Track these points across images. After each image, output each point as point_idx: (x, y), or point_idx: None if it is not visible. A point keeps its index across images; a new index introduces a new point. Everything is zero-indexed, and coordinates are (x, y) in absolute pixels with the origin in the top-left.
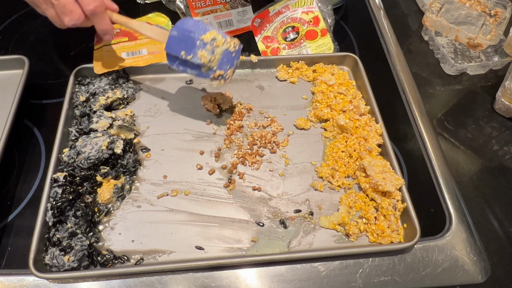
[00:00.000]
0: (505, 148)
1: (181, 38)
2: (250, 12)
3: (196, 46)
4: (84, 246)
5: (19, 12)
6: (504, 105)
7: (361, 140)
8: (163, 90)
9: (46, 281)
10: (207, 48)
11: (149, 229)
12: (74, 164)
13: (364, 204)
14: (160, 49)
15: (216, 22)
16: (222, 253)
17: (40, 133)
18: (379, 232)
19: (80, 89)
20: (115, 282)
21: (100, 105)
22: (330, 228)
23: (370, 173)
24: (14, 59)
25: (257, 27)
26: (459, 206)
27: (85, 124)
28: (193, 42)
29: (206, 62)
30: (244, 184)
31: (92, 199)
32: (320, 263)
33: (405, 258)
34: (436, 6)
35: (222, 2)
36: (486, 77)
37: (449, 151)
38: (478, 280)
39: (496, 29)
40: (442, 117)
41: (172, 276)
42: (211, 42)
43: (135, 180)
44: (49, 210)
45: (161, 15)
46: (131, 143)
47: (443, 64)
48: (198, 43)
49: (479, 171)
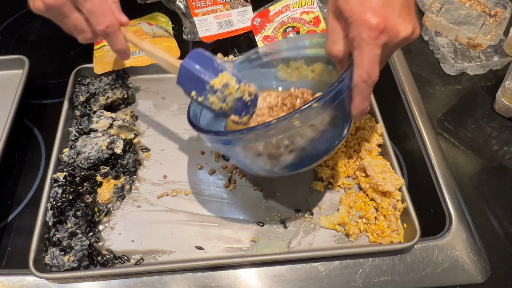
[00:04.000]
0: (505, 148)
1: (191, 77)
2: (250, 12)
3: (206, 90)
4: (84, 246)
5: (19, 12)
6: (504, 105)
7: (361, 140)
8: (163, 90)
9: (46, 281)
10: (218, 96)
11: (149, 229)
12: (74, 164)
13: (364, 204)
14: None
15: (216, 22)
16: (222, 253)
17: (40, 133)
18: (379, 232)
19: (80, 89)
20: (115, 282)
21: (100, 105)
22: (330, 228)
23: (370, 173)
24: (14, 59)
25: (257, 26)
26: (459, 206)
27: (85, 124)
28: (203, 84)
29: (217, 109)
30: (244, 184)
31: (92, 199)
32: (320, 263)
33: (405, 258)
34: (436, 6)
35: (222, 2)
36: (486, 77)
37: (449, 151)
38: (478, 280)
39: (496, 29)
40: (442, 117)
41: (172, 276)
42: (222, 89)
43: (135, 180)
44: (49, 210)
45: (161, 15)
46: (131, 143)
47: (443, 64)
48: (208, 87)
49: (479, 171)
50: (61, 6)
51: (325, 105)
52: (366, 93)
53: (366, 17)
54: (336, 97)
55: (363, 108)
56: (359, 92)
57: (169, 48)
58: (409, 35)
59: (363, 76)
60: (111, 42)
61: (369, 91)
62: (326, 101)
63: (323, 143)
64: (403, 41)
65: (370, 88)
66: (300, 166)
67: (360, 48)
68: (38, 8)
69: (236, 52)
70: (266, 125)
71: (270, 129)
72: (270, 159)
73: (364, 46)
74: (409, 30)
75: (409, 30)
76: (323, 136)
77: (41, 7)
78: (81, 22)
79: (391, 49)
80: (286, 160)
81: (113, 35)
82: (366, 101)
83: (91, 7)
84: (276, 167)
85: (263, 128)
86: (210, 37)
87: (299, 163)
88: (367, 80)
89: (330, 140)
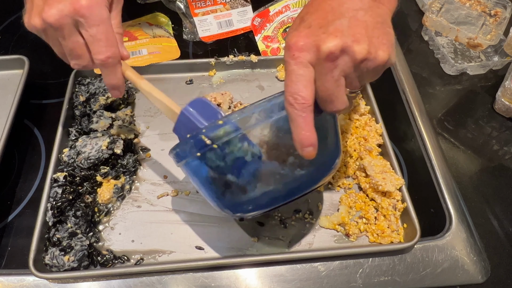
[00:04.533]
0: (505, 148)
1: (191, 127)
2: (250, 12)
3: (205, 146)
4: (84, 246)
5: (19, 12)
6: (504, 105)
7: (361, 140)
8: (163, 90)
9: (46, 281)
10: (217, 153)
11: (149, 229)
12: (74, 164)
13: (364, 204)
14: (160, 49)
15: (216, 22)
16: (222, 253)
17: (40, 133)
18: (379, 232)
19: (80, 89)
20: (115, 282)
21: (100, 105)
22: (330, 228)
23: (370, 173)
24: (14, 59)
25: (257, 26)
26: (459, 206)
27: (85, 124)
28: (201, 139)
29: (213, 167)
30: None
31: (92, 199)
32: (320, 263)
33: (405, 258)
34: (436, 6)
35: (222, 2)
36: (486, 77)
37: (449, 151)
38: (478, 280)
39: (496, 29)
40: (442, 117)
41: (172, 276)
42: (222, 146)
43: (135, 180)
44: (49, 210)
45: (161, 15)
46: (131, 143)
47: (443, 64)
48: (207, 141)
49: (479, 171)
50: (63, 27)
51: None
52: (298, 119)
53: (287, 39)
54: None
55: (302, 140)
56: (290, 120)
57: (169, 48)
58: (337, 50)
59: (287, 98)
60: (107, 74)
61: (301, 118)
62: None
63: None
64: (332, 56)
65: (301, 113)
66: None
67: (285, 70)
68: (35, 25)
69: (236, 52)
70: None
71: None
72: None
73: (286, 67)
74: (338, 45)
75: (338, 45)
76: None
77: (38, 25)
78: (79, 47)
79: (344, 66)
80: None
81: (111, 67)
82: (302, 130)
83: (96, 33)
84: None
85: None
86: (210, 37)
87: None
88: (293, 103)
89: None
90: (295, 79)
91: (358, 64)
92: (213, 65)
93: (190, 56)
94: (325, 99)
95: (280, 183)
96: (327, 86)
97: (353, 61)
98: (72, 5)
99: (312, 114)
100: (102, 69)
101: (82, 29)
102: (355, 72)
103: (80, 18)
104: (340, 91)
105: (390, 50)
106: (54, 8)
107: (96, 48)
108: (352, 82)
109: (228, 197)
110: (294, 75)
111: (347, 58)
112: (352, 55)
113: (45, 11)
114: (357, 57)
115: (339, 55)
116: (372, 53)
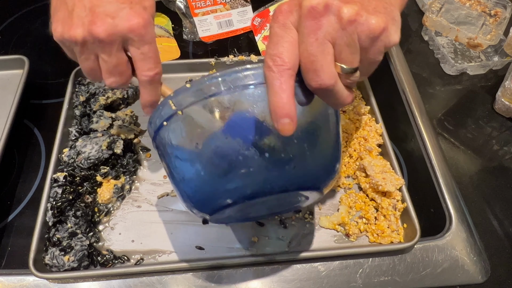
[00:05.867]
0: (505, 148)
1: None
2: (250, 12)
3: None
4: (84, 246)
5: (19, 12)
6: (504, 105)
7: (361, 140)
8: None
9: (46, 281)
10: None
11: (149, 229)
12: (74, 164)
13: (364, 204)
14: (160, 49)
15: (216, 22)
16: (222, 253)
17: (40, 133)
18: (379, 232)
19: (80, 89)
20: (115, 282)
21: (100, 105)
22: (330, 228)
23: (370, 173)
24: (14, 59)
25: (257, 26)
26: (459, 206)
27: (85, 124)
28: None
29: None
30: None
31: (92, 199)
32: (320, 263)
33: (405, 258)
34: (436, 6)
35: (222, 2)
36: (486, 77)
37: (449, 151)
38: (478, 280)
39: (496, 29)
40: (442, 117)
41: (172, 276)
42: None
43: (135, 180)
44: (49, 210)
45: (161, 15)
46: (131, 143)
47: (443, 64)
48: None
49: (479, 171)
50: (113, 43)
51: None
52: (274, 83)
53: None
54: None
55: (277, 109)
56: (267, 86)
57: (169, 48)
58: (320, 5)
59: (266, 60)
60: (150, 91)
61: (278, 82)
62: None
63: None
64: (314, 12)
65: (279, 77)
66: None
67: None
68: (75, 36)
69: (236, 52)
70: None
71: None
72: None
73: (269, 31)
74: (322, 0)
75: (321, 0)
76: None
77: (79, 36)
78: (124, 64)
79: (333, 30)
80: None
81: (156, 84)
82: (279, 97)
83: (148, 51)
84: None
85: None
86: (210, 37)
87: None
88: (271, 66)
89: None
90: (276, 40)
91: (345, 26)
92: (213, 65)
93: (190, 56)
94: (308, 67)
95: (246, 166)
96: (310, 50)
97: (339, 20)
98: (128, 22)
99: (291, 81)
100: (146, 86)
101: (132, 46)
102: (344, 37)
103: (135, 36)
104: (325, 59)
105: (387, 21)
106: (106, 23)
107: (146, 65)
108: (342, 52)
109: (193, 183)
110: (276, 37)
111: (333, 18)
112: (337, 13)
113: (96, 25)
114: (343, 16)
115: (323, 13)
116: (363, 16)
